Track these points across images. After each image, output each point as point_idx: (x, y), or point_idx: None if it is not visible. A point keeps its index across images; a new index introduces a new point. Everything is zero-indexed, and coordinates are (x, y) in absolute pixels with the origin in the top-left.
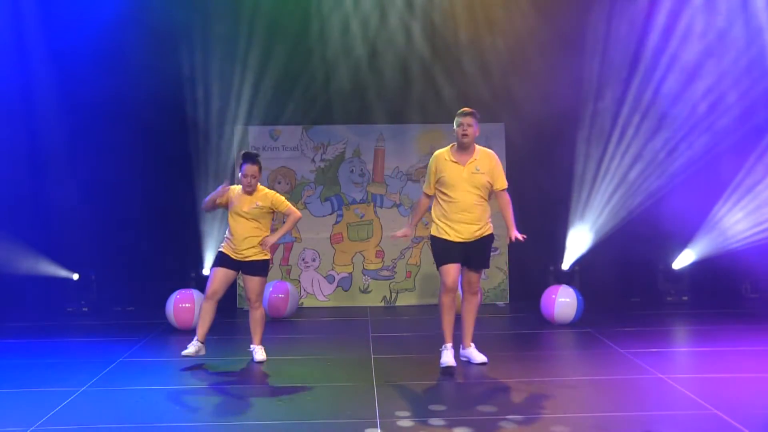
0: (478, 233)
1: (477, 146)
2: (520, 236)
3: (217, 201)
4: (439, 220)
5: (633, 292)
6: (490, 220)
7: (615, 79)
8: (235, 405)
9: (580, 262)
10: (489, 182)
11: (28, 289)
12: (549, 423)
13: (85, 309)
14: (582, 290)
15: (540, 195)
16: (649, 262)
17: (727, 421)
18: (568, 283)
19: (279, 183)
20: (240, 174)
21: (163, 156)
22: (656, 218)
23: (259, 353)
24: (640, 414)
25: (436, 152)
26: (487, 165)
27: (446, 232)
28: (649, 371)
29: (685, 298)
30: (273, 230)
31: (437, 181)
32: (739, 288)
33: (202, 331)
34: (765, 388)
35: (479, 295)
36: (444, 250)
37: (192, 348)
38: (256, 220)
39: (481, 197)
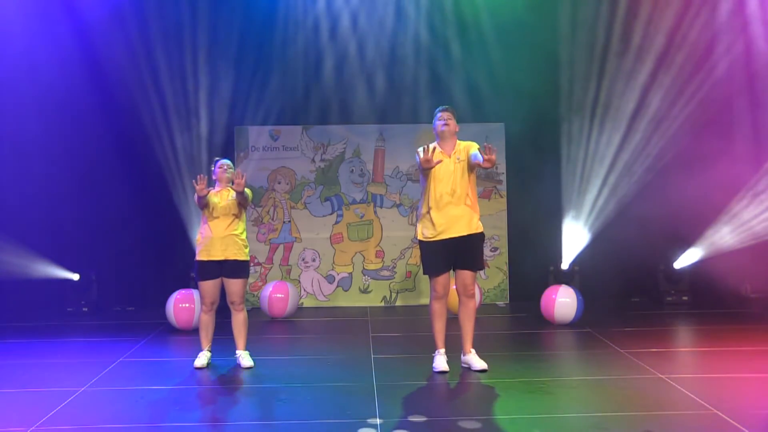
0: (466, 230)
1: (458, 140)
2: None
3: (204, 195)
4: (425, 216)
5: (633, 292)
6: (479, 218)
7: (614, 77)
8: (235, 405)
9: (579, 262)
10: (469, 163)
11: (28, 289)
12: (549, 423)
13: (85, 309)
14: (582, 290)
15: (540, 195)
16: (649, 262)
17: (727, 421)
18: (568, 283)
19: (279, 183)
20: (215, 170)
21: (164, 156)
22: (657, 218)
23: (245, 359)
24: (640, 414)
25: (427, 144)
26: (464, 150)
27: (434, 229)
28: (649, 371)
29: (685, 298)
30: (246, 225)
31: (426, 173)
32: (739, 288)
33: (206, 341)
34: (765, 388)
35: (476, 299)
36: (433, 257)
37: (203, 359)
38: (233, 215)
39: (468, 191)
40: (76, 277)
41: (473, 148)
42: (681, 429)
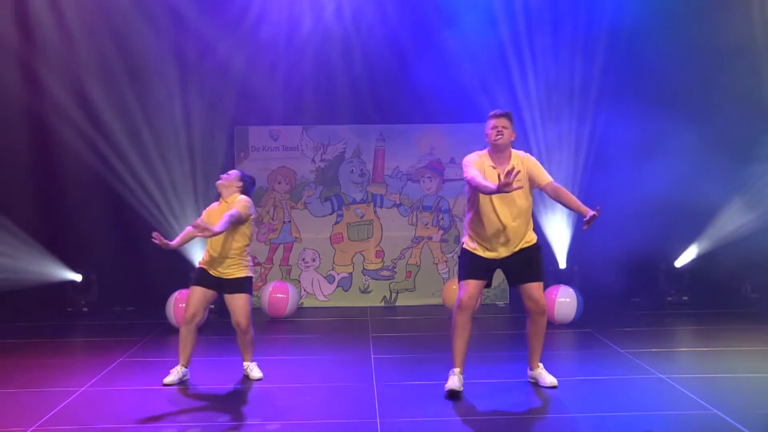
0: (518, 248)
1: (513, 150)
2: (593, 213)
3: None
4: (474, 235)
5: (633, 292)
6: (531, 230)
7: (615, 75)
8: (235, 405)
9: (579, 262)
10: (530, 184)
11: (29, 289)
12: (549, 423)
13: (85, 309)
14: (582, 290)
15: (539, 194)
16: (649, 262)
17: (727, 421)
18: (568, 283)
19: (279, 183)
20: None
21: (164, 156)
22: (657, 217)
23: (254, 371)
24: (640, 414)
25: (475, 155)
26: (522, 164)
27: (480, 249)
28: (649, 371)
29: (685, 298)
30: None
31: (473, 192)
32: (739, 288)
33: (184, 356)
34: (765, 388)
35: (546, 315)
36: (471, 264)
37: (174, 375)
38: (231, 231)
39: (522, 208)
40: (78, 277)
41: (537, 170)
42: (681, 429)
